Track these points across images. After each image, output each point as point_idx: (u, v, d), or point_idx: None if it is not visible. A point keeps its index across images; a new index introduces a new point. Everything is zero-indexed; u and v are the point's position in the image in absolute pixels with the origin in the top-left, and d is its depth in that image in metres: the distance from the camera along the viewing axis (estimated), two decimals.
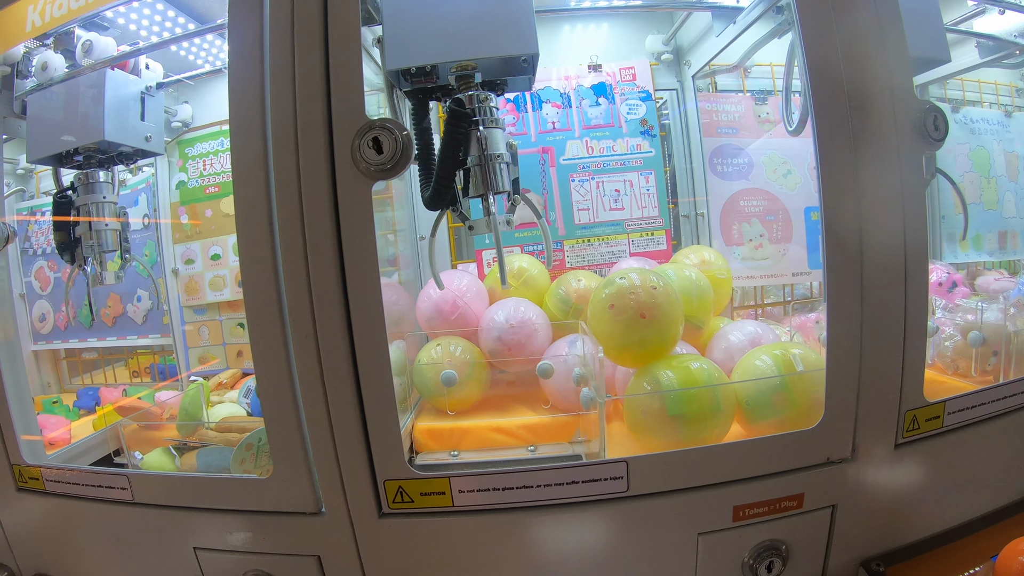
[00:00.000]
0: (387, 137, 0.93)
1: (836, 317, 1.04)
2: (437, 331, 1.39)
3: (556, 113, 1.56)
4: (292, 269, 0.99)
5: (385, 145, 0.93)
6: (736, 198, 1.54)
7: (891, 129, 1.03)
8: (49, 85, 1.36)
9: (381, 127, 0.94)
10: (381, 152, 0.94)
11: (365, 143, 0.94)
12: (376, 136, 0.94)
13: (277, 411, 1.03)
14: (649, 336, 1.12)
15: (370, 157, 0.94)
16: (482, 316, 1.38)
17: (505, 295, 1.42)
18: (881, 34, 1.02)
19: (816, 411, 1.06)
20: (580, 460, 1.23)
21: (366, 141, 0.94)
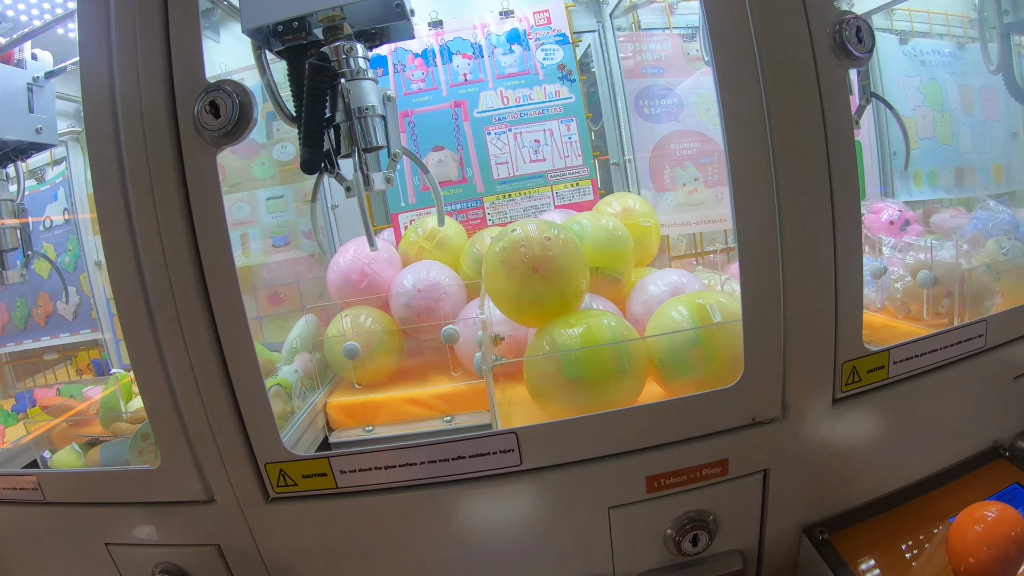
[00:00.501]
0: (223, 100, 0.85)
1: (748, 258, 0.91)
2: (349, 301, 1.30)
3: (467, 64, 1.45)
4: (150, 251, 0.91)
5: (222, 108, 0.85)
6: (666, 141, 1.43)
7: (805, 45, 0.89)
8: None
9: (217, 89, 0.86)
10: (219, 116, 0.85)
11: (203, 108, 0.86)
12: (213, 100, 0.85)
13: (155, 400, 0.97)
14: (545, 293, 1.01)
15: (208, 122, 0.86)
16: (392, 283, 1.29)
17: (418, 258, 1.33)
18: None
19: (739, 366, 0.94)
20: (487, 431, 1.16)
21: (204, 106, 0.86)
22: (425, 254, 1.32)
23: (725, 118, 0.89)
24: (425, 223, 1.36)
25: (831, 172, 0.91)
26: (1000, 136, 1.63)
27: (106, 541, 1.06)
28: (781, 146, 0.90)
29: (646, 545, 1.00)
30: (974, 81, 1.62)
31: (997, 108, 1.63)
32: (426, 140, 1.43)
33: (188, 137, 0.88)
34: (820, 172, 0.91)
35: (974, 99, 1.64)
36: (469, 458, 0.93)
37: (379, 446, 0.94)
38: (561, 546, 1.00)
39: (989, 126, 1.62)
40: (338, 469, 0.94)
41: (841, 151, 0.91)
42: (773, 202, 0.91)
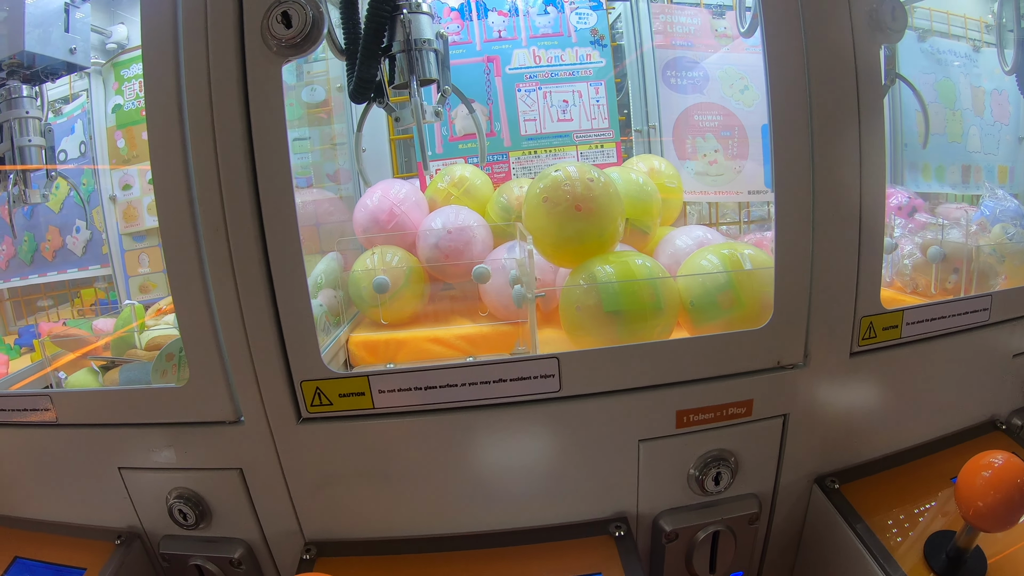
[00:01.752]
0: (296, 10, 0.83)
1: (784, 212, 0.94)
2: (374, 241, 1.29)
3: (503, 21, 1.45)
4: (201, 155, 0.88)
5: (294, 18, 0.83)
6: (690, 112, 1.44)
7: (845, 14, 0.93)
8: None
9: (292, 1, 0.83)
10: (290, 26, 0.83)
11: (274, 17, 0.84)
12: (285, 10, 0.83)
13: (190, 312, 0.94)
14: (586, 230, 1.02)
15: (279, 32, 0.84)
16: (420, 225, 1.27)
17: (445, 204, 1.32)
18: None
19: (765, 313, 0.97)
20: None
21: (275, 15, 0.84)
22: (452, 200, 1.31)
23: (771, 81, 0.93)
24: (453, 171, 1.35)
25: (860, 136, 0.95)
26: (1007, 139, 1.68)
27: (119, 465, 1.03)
28: (819, 110, 0.93)
29: (670, 481, 1.01)
30: (987, 84, 1.67)
31: (1007, 112, 1.68)
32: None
33: (254, 44, 0.86)
34: (851, 135, 0.95)
35: (985, 101, 1.68)
36: (510, 381, 0.92)
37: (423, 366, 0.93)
38: (589, 479, 1.00)
39: (997, 128, 1.67)
40: (377, 388, 0.92)
41: (871, 117, 0.95)
42: (809, 160, 0.94)
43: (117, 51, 1.54)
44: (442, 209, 1.26)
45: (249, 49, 0.86)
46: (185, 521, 1.03)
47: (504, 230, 1.25)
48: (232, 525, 1.03)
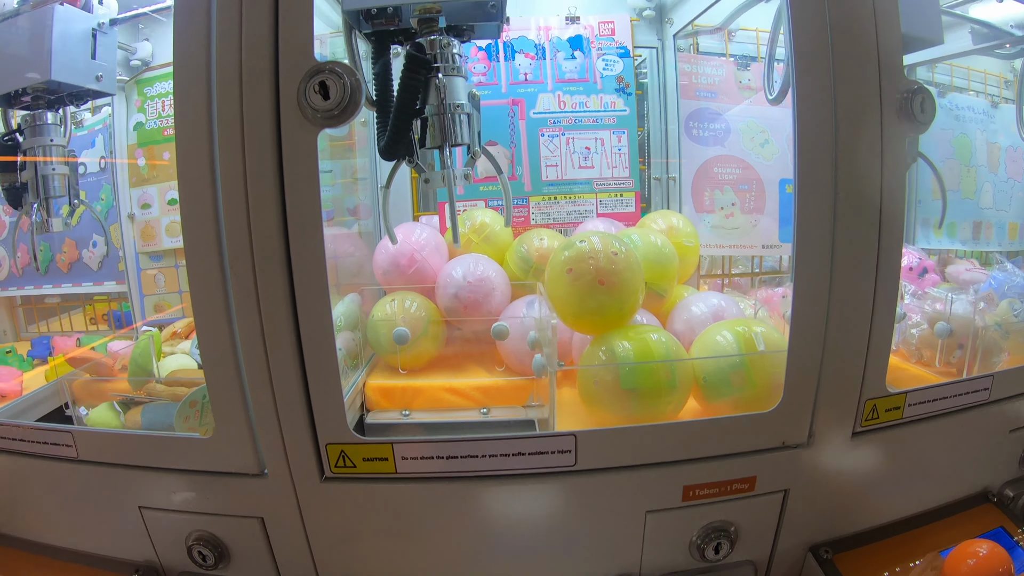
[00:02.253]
0: (335, 81, 0.83)
1: (802, 299, 0.96)
2: (393, 285, 1.30)
3: (529, 64, 1.45)
4: (233, 221, 0.89)
5: (332, 90, 0.83)
6: (710, 164, 1.45)
7: (875, 107, 0.94)
8: None
9: (329, 71, 0.83)
10: (328, 97, 0.83)
11: (311, 88, 0.83)
12: (323, 80, 0.83)
13: (218, 370, 0.95)
14: (607, 304, 1.03)
15: (316, 103, 0.83)
16: (440, 271, 1.29)
17: (465, 250, 1.33)
18: (875, 5, 0.92)
19: (775, 392, 0.99)
20: (532, 426, 1.17)
21: (312, 85, 0.83)
22: (472, 247, 1.32)
23: (800, 164, 0.93)
24: (474, 216, 1.36)
25: (881, 225, 0.96)
26: (1020, 196, 1.70)
27: (140, 504, 1.05)
28: (842, 198, 0.94)
29: (673, 548, 1.04)
30: (1002, 140, 1.68)
31: (1021, 169, 1.69)
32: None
33: (289, 112, 0.85)
34: (872, 223, 0.96)
35: (1000, 157, 1.70)
36: (529, 455, 0.94)
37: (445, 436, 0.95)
38: (596, 543, 1.03)
39: (1011, 185, 1.69)
40: (400, 455, 0.94)
41: (892, 209, 0.96)
42: (830, 246, 0.95)
43: (141, 68, 1.53)
44: (462, 258, 1.28)
45: (285, 118, 0.86)
46: (204, 562, 1.04)
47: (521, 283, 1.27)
48: (250, 570, 1.05)
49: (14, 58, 1.24)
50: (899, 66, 0.96)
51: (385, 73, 1.04)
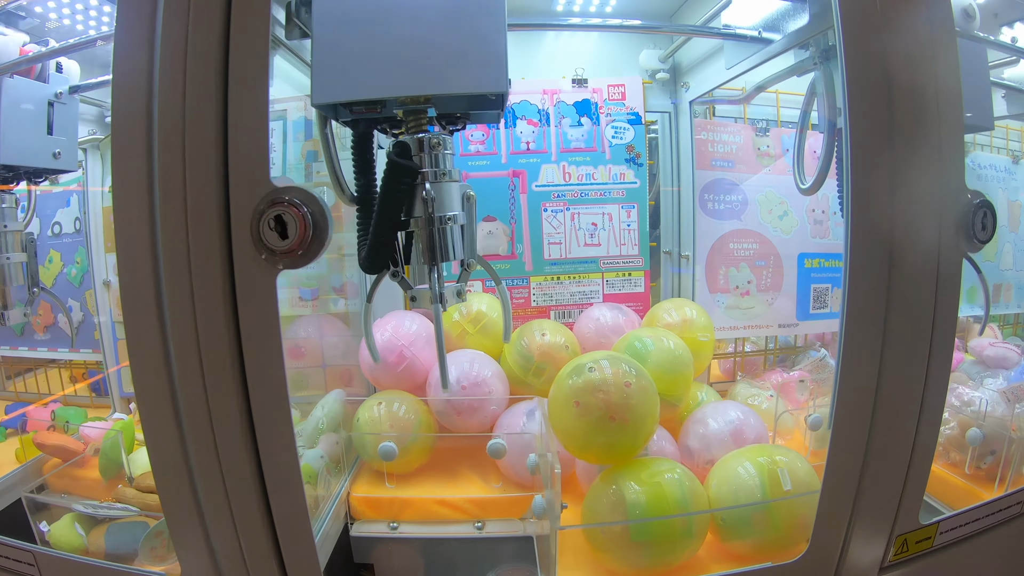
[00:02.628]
0: (292, 216, 0.65)
1: (841, 436, 0.80)
2: (381, 382, 1.12)
3: (532, 132, 1.25)
4: (188, 382, 0.72)
5: (290, 227, 0.65)
6: (726, 239, 1.26)
7: (935, 227, 0.79)
8: None
9: (285, 202, 0.65)
10: (286, 236, 0.66)
11: (266, 223, 0.66)
12: (279, 214, 0.65)
13: (178, 514, 0.78)
14: (619, 440, 0.86)
15: (272, 241, 0.66)
16: (432, 368, 1.10)
17: (460, 344, 1.14)
18: (938, 98, 0.74)
19: (799, 532, 0.85)
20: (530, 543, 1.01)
21: (267, 221, 0.66)
22: (467, 338, 1.14)
23: (850, 288, 0.77)
24: (470, 304, 1.17)
25: (931, 353, 0.80)
26: None
27: None
28: (895, 319, 0.78)
29: None
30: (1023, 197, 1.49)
31: None
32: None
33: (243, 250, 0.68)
34: (921, 352, 0.80)
35: (1020, 216, 1.51)
36: None
37: None
38: None
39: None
40: None
41: (943, 335, 0.80)
42: (875, 377, 0.79)
43: None
44: (456, 355, 1.10)
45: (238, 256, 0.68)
46: None
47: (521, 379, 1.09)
48: None
49: None
50: (961, 171, 0.80)
51: (367, 165, 0.83)
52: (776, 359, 1.38)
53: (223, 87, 0.67)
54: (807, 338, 1.38)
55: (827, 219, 1.30)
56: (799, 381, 1.24)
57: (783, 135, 1.29)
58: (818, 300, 1.30)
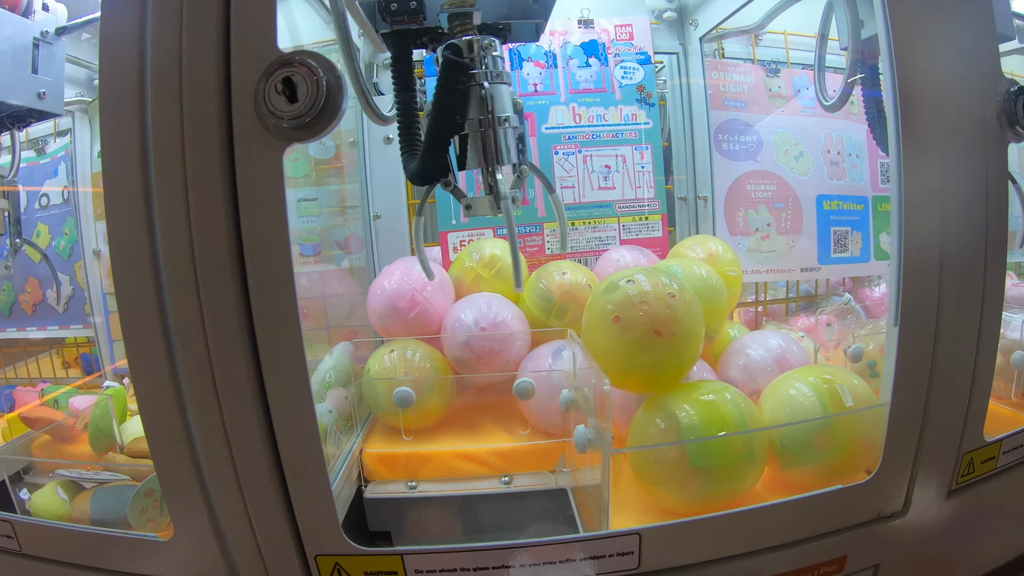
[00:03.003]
0: (303, 77, 0.53)
1: (907, 345, 0.70)
2: (392, 331, 0.98)
3: (539, 73, 1.13)
4: (175, 276, 0.59)
5: (300, 88, 0.53)
6: (742, 181, 1.15)
7: (979, 119, 0.70)
8: None
9: (296, 62, 0.54)
10: (295, 100, 0.53)
11: (272, 87, 0.54)
12: (288, 76, 0.53)
13: (169, 463, 0.65)
14: (665, 358, 0.73)
15: (279, 106, 0.54)
16: (446, 314, 0.97)
17: (474, 288, 1.01)
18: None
19: (863, 454, 0.75)
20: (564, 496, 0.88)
21: (273, 84, 0.54)
22: (482, 283, 1.00)
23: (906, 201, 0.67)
24: (482, 247, 1.04)
25: (986, 260, 0.72)
26: None
27: None
28: (948, 236, 0.69)
29: None
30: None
31: None
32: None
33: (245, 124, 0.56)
34: (978, 253, 0.72)
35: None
36: (580, 560, 0.65)
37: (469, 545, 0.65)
38: None
39: None
40: (413, 568, 0.64)
41: (997, 233, 0.72)
42: (936, 295, 0.70)
43: None
44: (472, 297, 0.96)
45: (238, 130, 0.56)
46: None
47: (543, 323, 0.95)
48: None
49: None
50: (997, 64, 0.72)
51: (408, 80, 0.76)
52: (799, 307, 1.26)
53: None
54: (828, 283, 1.26)
55: (843, 160, 1.19)
56: (827, 325, 1.12)
57: (794, 76, 1.19)
58: (839, 243, 1.19)
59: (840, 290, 1.25)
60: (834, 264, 1.20)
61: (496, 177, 0.70)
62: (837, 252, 1.19)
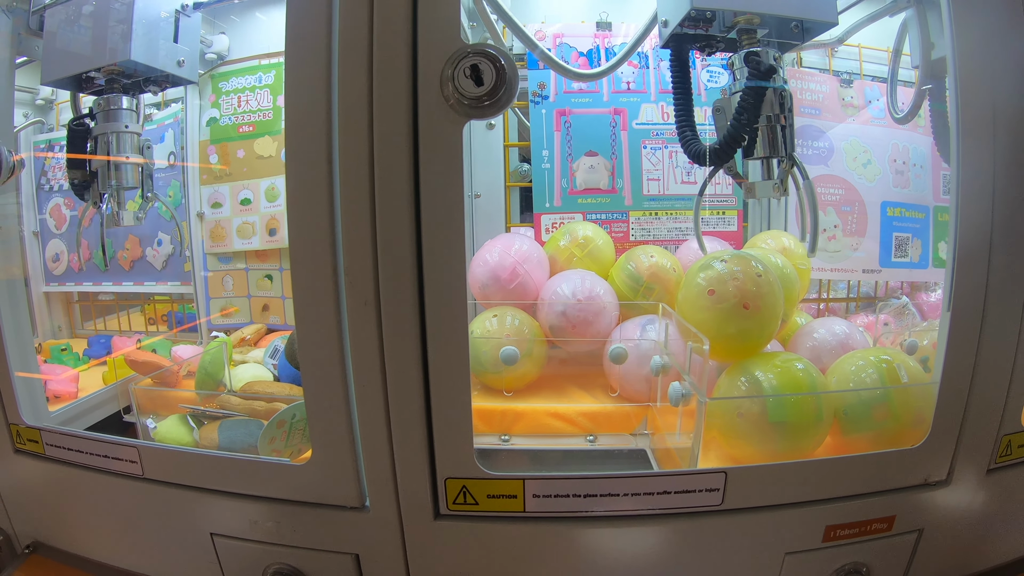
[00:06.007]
0: (488, 66, 0.69)
1: (957, 333, 0.85)
2: (491, 300, 1.16)
3: (632, 72, 1.31)
4: (353, 221, 0.75)
5: (486, 75, 0.69)
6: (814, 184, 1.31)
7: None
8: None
9: (481, 52, 0.70)
10: (481, 83, 0.70)
11: (461, 71, 0.70)
12: (475, 63, 0.70)
13: (322, 390, 0.81)
14: (751, 329, 0.91)
15: (466, 88, 0.70)
16: (542, 287, 1.15)
17: (568, 266, 1.19)
18: None
19: (914, 427, 0.89)
20: (644, 455, 1.04)
21: (462, 69, 0.70)
22: (575, 262, 1.18)
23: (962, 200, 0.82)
24: (575, 229, 1.22)
25: None
26: None
27: (212, 531, 0.91)
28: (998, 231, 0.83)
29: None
30: None
31: None
32: (581, 143, 1.29)
33: (430, 101, 0.72)
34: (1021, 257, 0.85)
35: None
36: (674, 494, 0.81)
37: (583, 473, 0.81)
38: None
39: None
40: (531, 492, 0.81)
41: None
42: (985, 276, 0.85)
43: (216, 62, 1.40)
44: (567, 273, 1.14)
45: (423, 105, 0.72)
46: None
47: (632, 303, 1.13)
48: None
49: (89, 37, 1.10)
50: None
51: (686, 80, 1.00)
52: (858, 306, 1.43)
53: None
54: (887, 286, 1.43)
55: (908, 170, 1.36)
56: (884, 324, 1.29)
57: (866, 87, 1.36)
58: (900, 248, 1.36)
59: (898, 293, 1.42)
60: (894, 268, 1.37)
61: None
62: (898, 257, 1.36)
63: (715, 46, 0.98)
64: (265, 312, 1.43)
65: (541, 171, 1.29)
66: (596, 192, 1.29)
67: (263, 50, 1.36)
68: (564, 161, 1.28)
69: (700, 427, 0.83)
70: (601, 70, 1.10)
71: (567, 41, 1.30)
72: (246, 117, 1.38)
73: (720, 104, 0.95)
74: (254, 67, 1.38)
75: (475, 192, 1.33)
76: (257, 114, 1.37)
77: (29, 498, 1.03)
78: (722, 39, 0.95)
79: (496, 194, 1.33)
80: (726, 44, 0.97)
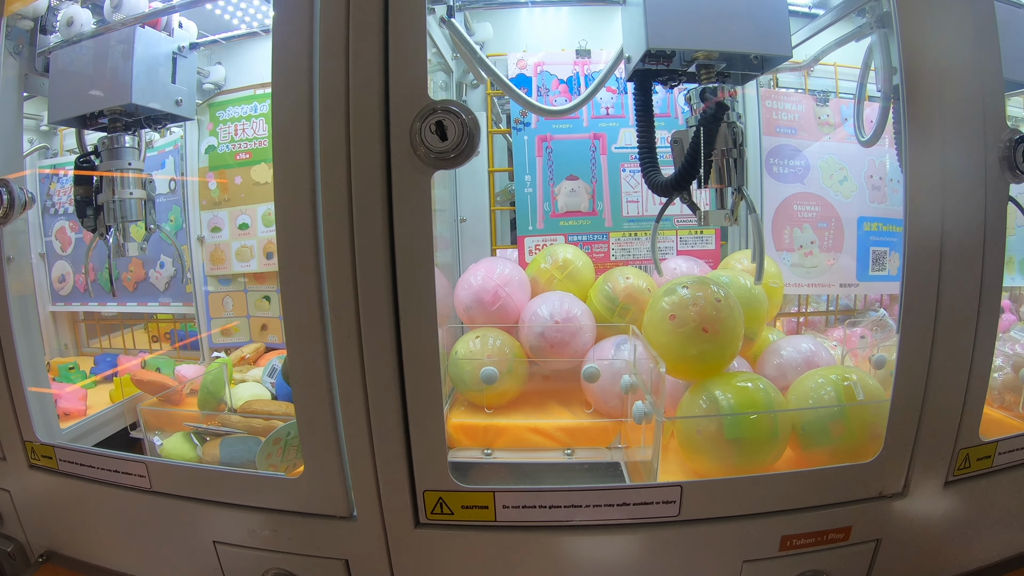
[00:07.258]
0: (452, 122, 0.80)
1: (907, 350, 0.94)
2: (475, 321, 1.27)
3: (611, 98, 1.42)
4: (336, 262, 0.87)
5: (450, 131, 0.80)
6: (790, 201, 1.41)
7: (980, 156, 0.92)
8: (74, 42, 1.21)
9: (445, 110, 0.81)
10: (445, 139, 0.81)
11: (427, 127, 0.81)
12: (440, 120, 0.80)
13: (312, 412, 0.93)
14: (710, 351, 1.00)
15: (432, 143, 0.81)
16: (523, 308, 1.26)
17: (548, 288, 1.29)
18: (978, 49, 0.91)
19: (871, 442, 0.98)
20: (618, 468, 1.14)
21: (428, 125, 0.81)
22: (556, 284, 1.29)
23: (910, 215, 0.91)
24: (556, 252, 1.33)
25: (983, 278, 0.94)
26: None
27: (215, 539, 1.02)
28: (948, 250, 0.92)
29: None
30: None
31: None
32: (562, 167, 1.40)
33: (400, 152, 0.83)
34: (974, 274, 0.94)
35: None
36: (633, 505, 0.91)
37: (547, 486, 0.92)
38: None
39: None
40: (501, 504, 0.91)
41: (993, 258, 0.95)
42: (935, 298, 0.93)
43: (214, 91, 1.52)
44: (547, 295, 1.25)
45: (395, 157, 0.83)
46: None
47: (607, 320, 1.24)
48: None
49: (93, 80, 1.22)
50: (1002, 114, 0.94)
51: (648, 112, 1.09)
52: (837, 319, 1.52)
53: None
54: (866, 299, 1.53)
55: (884, 185, 1.45)
56: (860, 337, 1.38)
57: (842, 105, 1.46)
58: (877, 263, 1.45)
59: (876, 306, 1.51)
60: (871, 281, 1.46)
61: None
62: (875, 270, 1.45)
63: (678, 79, 1.07)
64: (263, 331, 1.56)
65: (524, 195, 1.39)
66: (577, 215, 1.39)
67: (257, 80, 1.48)
68: (546, 185, 1.38)
69: (659, 443, 0.94)
70: (568, 107, 1.20)
71: (548, 69, 1.41)
72: (243, 145, 1.50)
73: (678, 136, 1.04)
74: (249, 96, 1.50)
75: (460, 216, 1.44)
76: (253, 142, 1.49)
77: (43, 510, 1.15)
78: (683, 72, 1.05)
79: (481, 217, 1.44)
80: (688, 77, 1.06)
